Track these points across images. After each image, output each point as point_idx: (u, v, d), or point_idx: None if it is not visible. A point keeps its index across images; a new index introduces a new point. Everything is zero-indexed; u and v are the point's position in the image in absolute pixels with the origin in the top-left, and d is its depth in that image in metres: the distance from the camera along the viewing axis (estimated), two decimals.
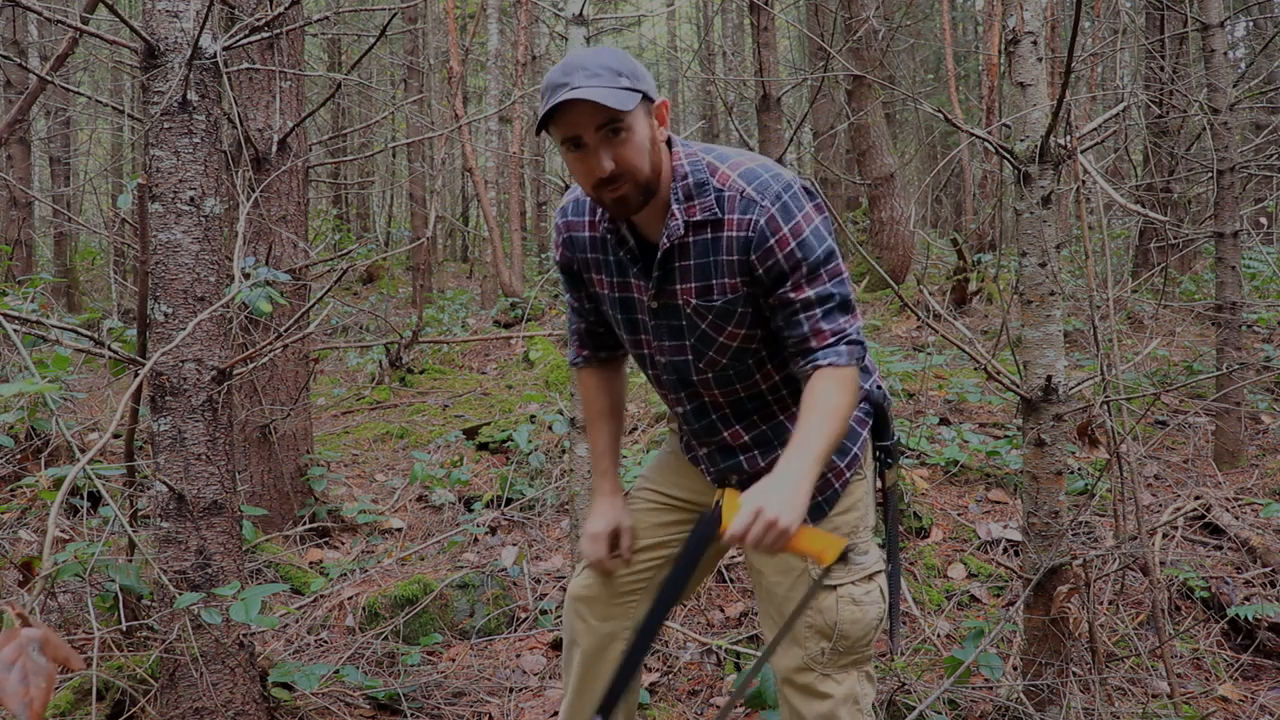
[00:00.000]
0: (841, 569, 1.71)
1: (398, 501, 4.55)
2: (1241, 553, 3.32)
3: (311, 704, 2.57)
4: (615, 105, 1.47)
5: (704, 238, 1.63)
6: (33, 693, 0.87)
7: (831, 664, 1.75)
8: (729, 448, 1.80)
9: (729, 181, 1.61)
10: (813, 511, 1.78)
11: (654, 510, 1.96)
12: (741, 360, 1.72)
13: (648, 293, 1.70)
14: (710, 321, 1.67)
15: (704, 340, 1.69)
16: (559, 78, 1.51)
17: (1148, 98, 7.58)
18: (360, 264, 11.94)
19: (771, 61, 7.80)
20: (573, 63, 1.52)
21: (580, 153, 1.54)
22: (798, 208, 1.60)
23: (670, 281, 1.67)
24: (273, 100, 3.79)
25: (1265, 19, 11.98)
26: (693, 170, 1.63)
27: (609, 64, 1.52)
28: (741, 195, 1.60)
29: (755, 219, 1.58)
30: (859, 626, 1.73)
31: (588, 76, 1.49)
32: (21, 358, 2.41)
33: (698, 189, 1.62)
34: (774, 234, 1.58)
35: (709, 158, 1.64)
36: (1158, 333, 6.68)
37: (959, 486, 4.17)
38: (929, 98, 13.96)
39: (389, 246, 13.36)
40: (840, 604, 1.73)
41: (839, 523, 1.78)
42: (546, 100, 1.51)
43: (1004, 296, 7.33)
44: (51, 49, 10.05)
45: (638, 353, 1.83)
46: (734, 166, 1.63)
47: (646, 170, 1.57)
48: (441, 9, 12.68)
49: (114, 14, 2.22)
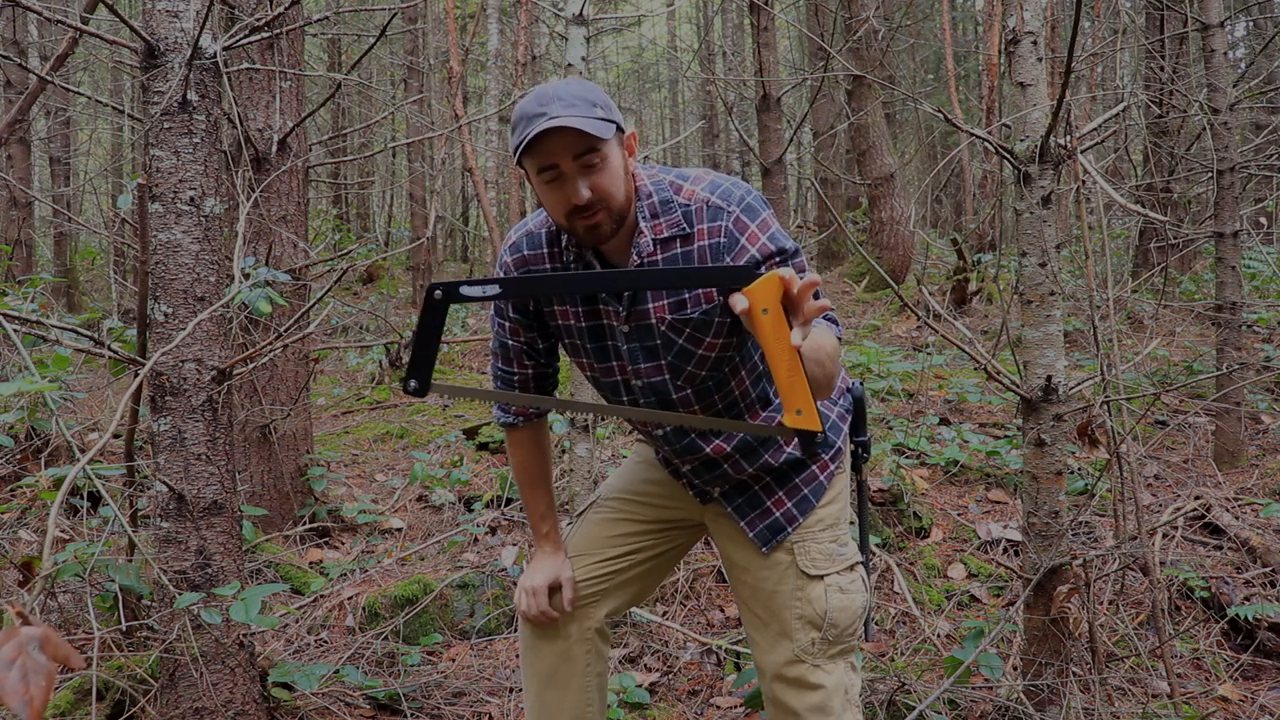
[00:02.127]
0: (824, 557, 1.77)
1: (398, 501, 4.55)
2: (1241, 553, 3.32)
3: (311, 704, 2.57)
4: (595, 133, 1.50)
5: (674, 253, 1.65)
6: (33, 691, 0.86)
7: (821, 654, 1.78)
8: (712, 461, 1.82)
9: (694, 195, 1.65)
10: (800, 505, 1.82)
11: (616, 522, 1.97)
12: (719, 370, 1.74)
13: (619, 317, 1.70)
14: (688, 335, 1.68)
15: (682, 355, 1.70)
16: (534, 108, 1.53)
17: (1148, 98, 7.58)
18: (360, 264, 11.93)
19: (771, 61, 7.80)
20: (547, 94, 1.54)
21: (557, 182, 1.56)
22: (761, 209, 1.65)
23: (641, 302, 1.68)
24: (273, 100, 3.79)
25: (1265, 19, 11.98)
26: (656, 189, 1.66)
27: (583, 95, 1.55)
28: (708, 205, 1.64)
29: (724, 224, 1.62)
30: (846, 614, 1.78)
31: (564, 106, 1.51)
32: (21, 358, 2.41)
33: (663, 206, 1.65)
34: (743, 233, 1.62)
35: (669, 177, 1.68)
36: (1158, 333, 6.68)
37: (959, 486, 4.17)
38: (929, 98, 13.96)
39: (389, 246, 13.36)
40: (829, 592, 1.78)
41: (823, 514, 1.82)
42: (523, 130, 1.52)
43: (1004, 296, 7.33)
44: (51, 49, 10.05)
45: (609, 380, 1.81)
46: (696, 182, 1.67)
47: (620, 198, 1.59)
48: (441, 9, 12.68)
49: (114, 14, 2.22)
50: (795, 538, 1.81)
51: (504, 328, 1.84)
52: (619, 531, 1.96)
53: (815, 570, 1.79)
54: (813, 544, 1.80)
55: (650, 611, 3.21)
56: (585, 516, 2.03)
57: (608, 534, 1.96)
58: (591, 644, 1.95)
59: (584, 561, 1.94)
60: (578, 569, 1.93)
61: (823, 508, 1.83)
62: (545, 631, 1.94)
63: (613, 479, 2.07)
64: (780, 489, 1.82)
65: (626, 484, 2.02)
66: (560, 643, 1.94)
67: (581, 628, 1.94)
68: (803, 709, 1.78)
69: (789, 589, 1.79)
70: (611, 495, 2.01)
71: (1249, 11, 11.79)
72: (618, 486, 2.03)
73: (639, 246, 1.65)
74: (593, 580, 1.94)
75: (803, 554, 1.80)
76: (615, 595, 1.97)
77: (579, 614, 1.93)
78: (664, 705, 2.75)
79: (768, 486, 1.83)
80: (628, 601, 2.00)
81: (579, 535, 1.99)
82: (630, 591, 1.99)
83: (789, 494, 1.82)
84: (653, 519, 1.96)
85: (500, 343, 1.86)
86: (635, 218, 1.65)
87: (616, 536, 1.96)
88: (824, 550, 1.80)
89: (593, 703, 1.97)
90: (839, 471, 1.87)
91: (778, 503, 1.82)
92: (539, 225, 1.77)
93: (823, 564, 1.79)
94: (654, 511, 1.96)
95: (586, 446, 3.63)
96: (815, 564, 1.79)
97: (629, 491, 2.00)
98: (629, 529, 1.96)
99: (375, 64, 14.52)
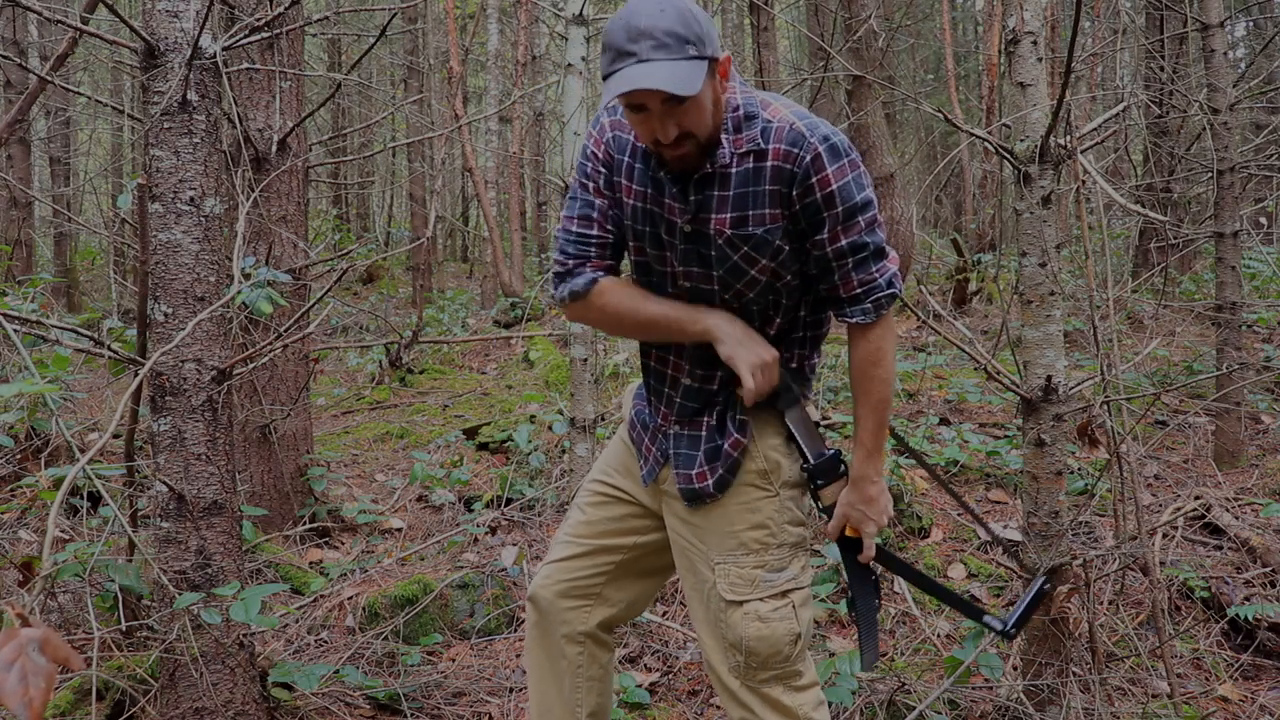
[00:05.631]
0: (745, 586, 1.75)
1: (398, 501, 4.55)
2: (1241, 553, 3.31)
3: (311, 704, 2.57)
4: (685, 91, 1.45)
5: (746, 168, 1.62)
6: (32, 692, 0.87)
7: (750, 677, 1.75)
8: (711, 391, 1.76)
9: (779, 115, 1.61)
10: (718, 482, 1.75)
11: (605, 504, 1.94)
12: (764, 298, 1.70)
13: (682, 216, 1.67)
14: (744, 254, 1.65)
15: (734, 272, 1.67)
16: (623, 42, 1.47)
17: (1148, 98, 7.59)
18: (360, 264, 11.93)
19: (771, 61, 7.79)
20: (638, 24, 1.46)
21: (643, 116, 1.53)
22: (844, 153, 1.60)
23: (707, 209, 1.65)
24: (273, 100, 3.79)
25: (1265, 19, 11.98)
26: (745, 103, 1.63)
27: (675, 29, 1.46)
28: (791, 128, 1.59)
29: (801, 154, 1.58)
30: (765, 644, 1.72)
31: (654, 48, 1.45)
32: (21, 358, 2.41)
33: (747, 121, 1.61)
34: (817, 173, 1.58)
35: (762, 95, 1.65)
36: (1158, 333, 6.68)
37: (959, 486, 4.17)
38: (929, 98, 13.96)
39: (389, 246, 13.36)
40: (745, 620, 1.72)
41: (748, 538, 1.74)
42: (610, 66, 1.47)
43: (1004, 296, 7.33)
44: (51, 49, 10.04)
45: (659, 270, 1.74)
46: (786, 105, 1.64)
47: (709, 130, 1.57)
48: (441, 9, 12.67)
49: (114, 14, 2.22)
50: (718, 558, 1.75)
51: (588, 187, 1.75)
52: (599, 515, 1.93)
53: (733, 595, 1.73)
54: (734, 568, 1.74)
55: (650, 611, 3.21)
56: (574, 503, 2.01)
57: (589, 518, 1.94)
58: (584, 648, 1.93)
59: (574, 556, 1.92)
60: (569, 568, 1.92)
61: (749, 531, 1.74)
62: (541, 626, 1.93)
63: (600, 462, 2.03)
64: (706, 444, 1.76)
65: (604, 467, 1.98)
66: (554, 639, 1.93)
67: (572, 629, 1.92)
68: (733, 718, 1.79)
69: (714, 608, 1.76)
70: (593, 478, 1.99)
71: (1249, 11, 11.79)
72: (597, 470, 2.00)
73: (716, 157, 1.61)
74: (583, 577, 1.92)
75: (722, 576, 1.74)
76: (608, 599, 1.94)
77: (572, 613, 1.92)
78: (664, 705, 2.75)
79: (710, 435, 1.76)
80: (624, 608, 1.97)
81: (568, 526, 1.97)
82: (625, 593, 1.96)
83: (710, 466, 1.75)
84: (629, 501, 1.93)
85: (584, 202, 1.75)
86: (718, 131, 1.61)
87: (597, 521, 1.93)
88: (745, 575, 1.73)
89: (583, 705, 1.95)
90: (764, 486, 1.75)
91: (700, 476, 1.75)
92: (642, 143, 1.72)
93: (742, 589, 1.73)
94: (628, 494, 1.93)
95: (586, 446, 3.63)
96: (734, 589, 1.73)
97: (604, 475, 1.97)
98: (609, 512, 1.93)
99: (375, 64, 14.52)
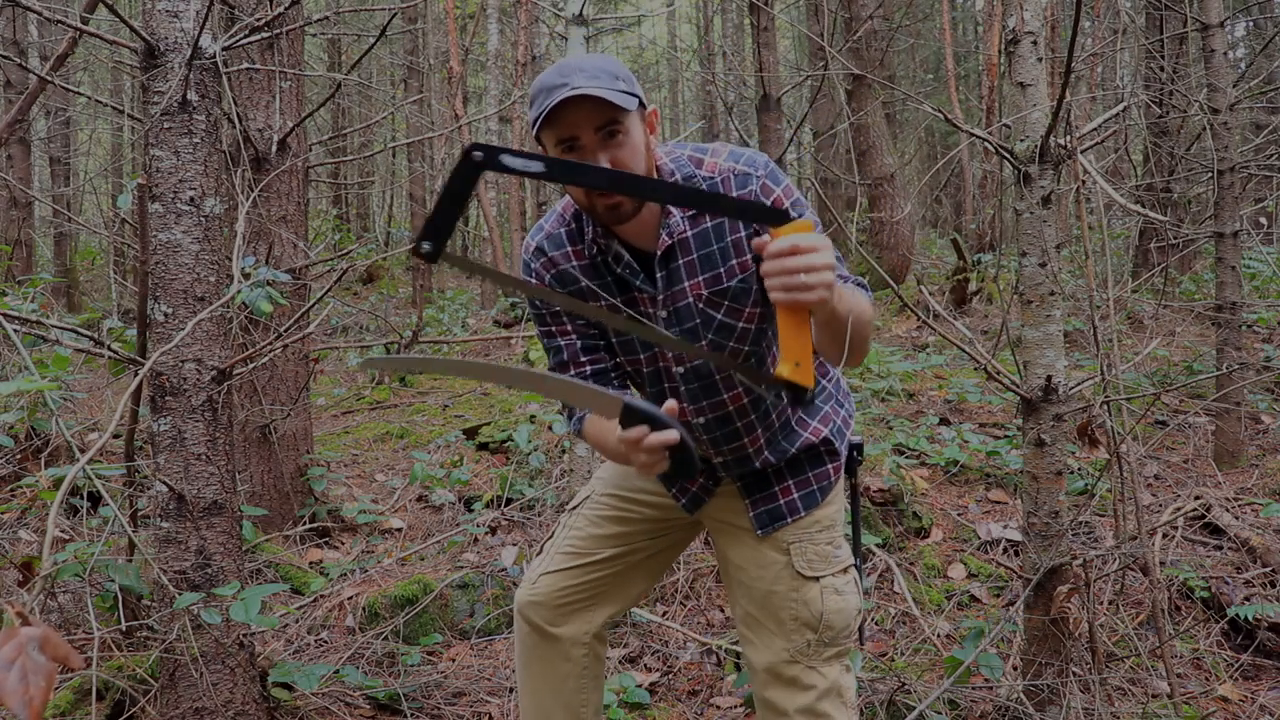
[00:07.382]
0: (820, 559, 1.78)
1: (398, 501, 4.55)
2: (1241, 553, 3.31)
3: (311, 704, 2.57)
4: (617, 103, 1.48)
5: (704, 228, 1.64)
6: (32, 691, 0.87)
7: (816, 655, 1.78)
8: (746, 456, 1.81)
9: (717, 167, 1.63)
10: (806, 500, 1.82)
11: (621, 520, 1.95)
12: (759, 343, 1.72)
13: (657, 300, 1.68)
14: (726, 308, 1.66)
15: (722, 331, 1.68)
16: (555, 79, 1.50)
17: (1148, 98, 7.58)
18: (360, 264, 11.93)
19: (771, 61, 7.80)
20: (569, 66, 1.51)
21: (576, 155, 1.53)
22: (783, 177, 1.65)
23: (677, 281, 1.66)
24: (273, 100, 3.79)
25: (1265, 19, 11.98)
26: (678, 167, 1.65)
27: (605, 68, 1.53)
28: (734, 173, 1.62)
29: (753, 188, 1.61)
30: (841, 617, 1.78)
31: (587, 78, 1.49)
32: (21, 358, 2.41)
33: (687, 184, 1.62)
34: (769, 196, 1.61)
35: (687, 152, 1.67)
36: (1158, 333, 6.68)
37: (959, 486, 4.17)
38: (929, 98, 13.96)
39: (389, 246, 13.36)
40: (825, 594, 1.78)
41: (821, 516, 1.83)
42: (543, 101, 1.49)
43: (1004, 296, 7.33)
44: (51, 49, 10.04)
45: (650, 369, 1.76)
46: (715, 154, 1.65)
47: (641, 174, 1.56)
48: (441, 9, 12.67)
49: (114, 14, 2.22)
50: (792, 537, 1.80)
51: (551, 331, 1.76)
52: (613, 530, 1.94)
53: (811, 572, 1.79)
54: (809, 545, 1.80)
55: (650, 611, 3.21)
56: (579, 512, 2.01)
57: (602, 533, 1.95)
58: (589, 648, 1.95)
59: (579, 566, 1.93)
60: (573, 575, 1.92)
61: (822, 509, 1.83)
62: (543, 634, 1.94)
63: (607, 473, 2.03)
64: (791, 478, 1.82)
65: (621, 480, 1.99)
66: (558, 646, 1.93)
67: (578, 632, 1.93)
68: (793, 709, 1.77)
69: (785, 589, 1.79)
70: (605, 492, 1.99)
71: (1249, 11, 11.79)
72: (612, 482, 2.00)
73: (669, 226, 1.63)
74: (588, 585, 1.93)
75: (799, 555, 1.79)
76: (612, 598, 1.96)
77: (577, 618, 1.93)
78: (664, 705, 2.75)
79: (779, 473, 1.83)
80: (627, 603, 2.00)
81: (573, 536, 1.97)
82: (629, 592, 1.98)
83: (799, 485, 1.82)
84: (648, 517, 1.95)
85: (553, 349, 1.77)
86: None
87: (611, 536, 1.94)
88: (820, 552, 1.80)
89: (588, 704, 1.96)
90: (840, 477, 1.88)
91: (785, 490, 1.82)
92: (555, 225, 1.73)
93: (819, 566, 1.79)
94: (649, 510, 1.94)
95: (586, 446, 3.62)
96: (811, 565, 1.79)
97: (623, 488, 1.97)
98: (624, 528, 1.94)
99: (375, 64, 14.52)
